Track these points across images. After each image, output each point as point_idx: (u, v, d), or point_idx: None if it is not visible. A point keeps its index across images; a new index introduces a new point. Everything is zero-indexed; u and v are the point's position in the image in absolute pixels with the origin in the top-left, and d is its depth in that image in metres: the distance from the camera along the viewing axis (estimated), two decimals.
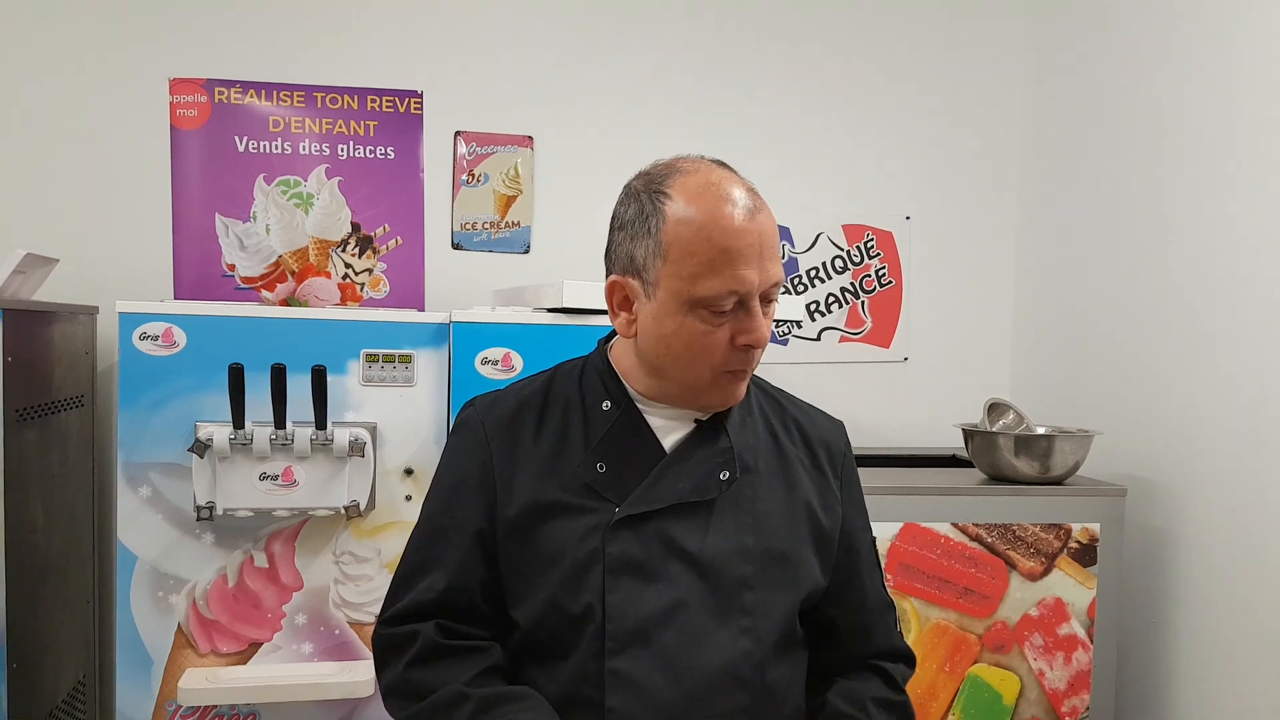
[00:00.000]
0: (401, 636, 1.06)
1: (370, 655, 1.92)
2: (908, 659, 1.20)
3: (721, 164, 1.05)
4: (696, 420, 1.08)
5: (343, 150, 2.51)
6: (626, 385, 1.09)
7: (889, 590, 1.23)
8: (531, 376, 1.17)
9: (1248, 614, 1.96)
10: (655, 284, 1.00)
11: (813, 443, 1.14)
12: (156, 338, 1.83)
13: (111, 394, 2.34)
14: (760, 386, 1.17)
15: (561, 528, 1.04)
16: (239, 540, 1.88)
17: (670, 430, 1.08)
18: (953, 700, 2.06)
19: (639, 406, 1.08)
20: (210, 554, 1.87)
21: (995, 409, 2.26)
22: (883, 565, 1.23)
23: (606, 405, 1.08)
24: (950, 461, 2.52)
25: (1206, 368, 2.07)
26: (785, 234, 2.70)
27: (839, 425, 1.19)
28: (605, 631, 1.00)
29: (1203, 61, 2.09)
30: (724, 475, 1.05)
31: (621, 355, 1.10)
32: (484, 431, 1.10)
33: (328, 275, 2.52)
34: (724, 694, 1.00)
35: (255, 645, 1.90)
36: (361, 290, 2.54)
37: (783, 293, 2.68)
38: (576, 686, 1.01)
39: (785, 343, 2.75)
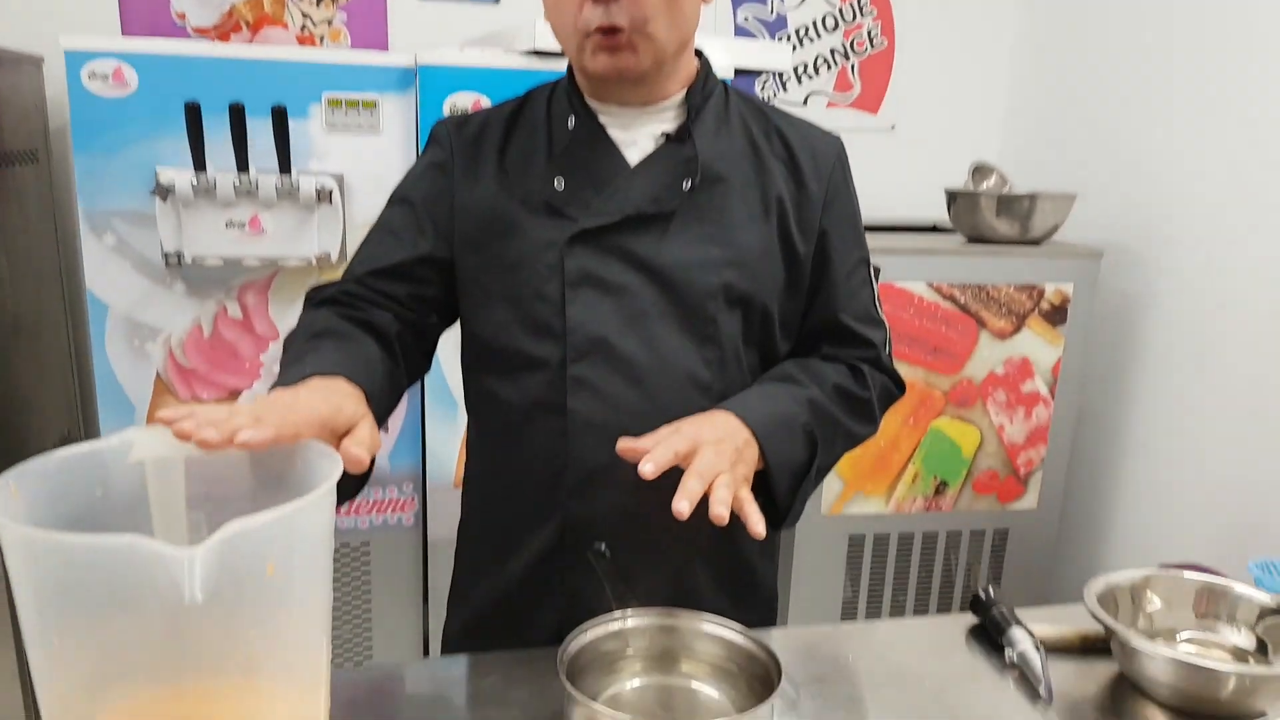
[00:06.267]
0: (316, 287, 1.08)
1: None
2: (893, 376, 1.15)
3: None
4: (664, 134, 1.05)
5: None
6: (589, 100, 1.05)
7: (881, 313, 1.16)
8: (506, 101, 1.14)
9: (1208, 380, 2.01)
10: None
11: (796, 153, 1.09)
12: (106, 77, 1.74)
13: (66, 148, 2.25)
14: (745, 98, 1.12)
15: (521, 242, 1.03)
16: (210, 290, 1.86)
17: (635, 144, 1.05)
18: (913, 452, 2.14)
19: (601, 120, 1.05)
20: (183, 304, 1.86)
21: (980, 171, 2.22)
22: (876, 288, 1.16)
23: (571, 121, 1.05)
24: (930, 230, 2.51)
25: (1192, 136, 2.03)
26: None
27: (832, 138, 1.13)
28: (567, 341, 1.01)
29: None
30: (686, 185, 1.02)
31: None
32: (450, 144, 1.09)
33: (284, 26, 2.38)
34: (685, 399, 1.02)
35: (235, 393, 1.92)
36: (321, 43, 2.41)
37: (772, 37, 2.57)
38: (539, 393, 1.03)
39: None
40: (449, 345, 1.97)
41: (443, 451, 2.02)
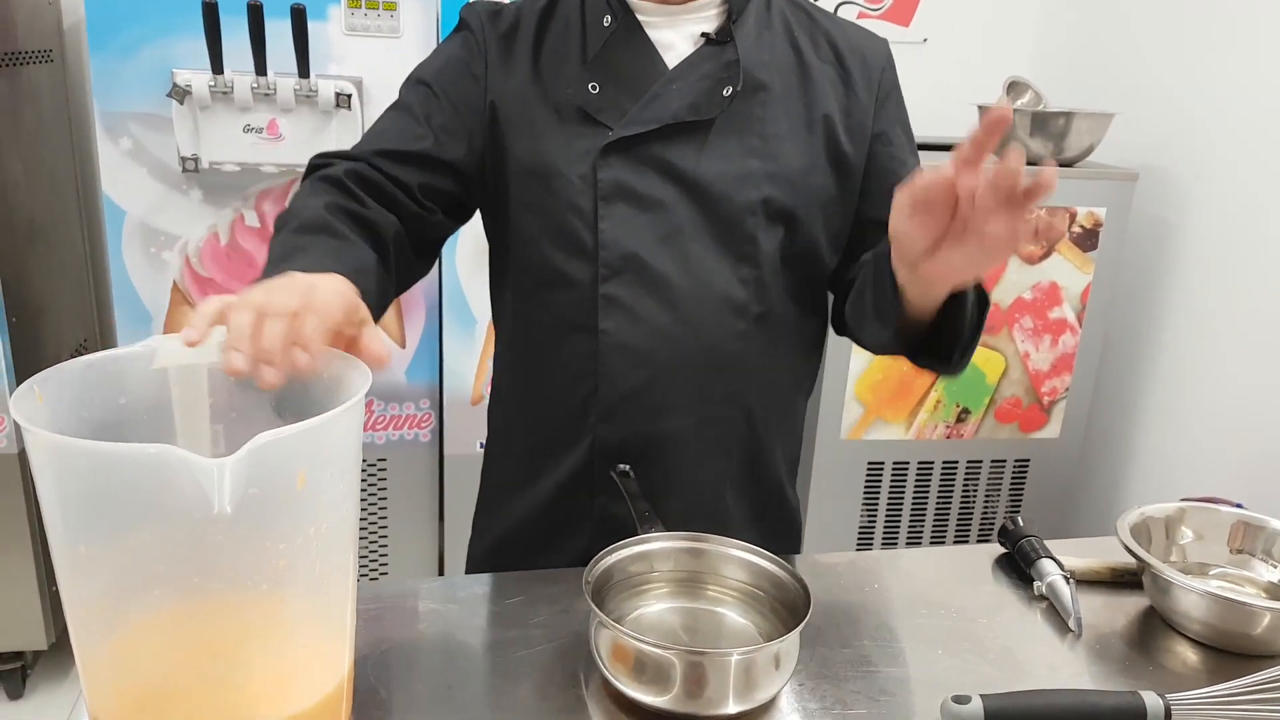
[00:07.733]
0: (322, 154, 0.99)
1: None
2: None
3: None
4: (704, 35, 0.99)
5: None
6: None
7: None
8: None
9: (1239, 311, 1.97)
10: None
11: (845, 57, 1.03)
12: None
13: (81, 48, 2.21)
14: None
15: (553, 150, 0.98)
16: (227, 198, 1.83)
17: (675, 46, 0.99)
18: (936, 378, 2.11)
19: (640, 18, 0.99)
20: (199, 210, 1.83)
21: (1015, 87, 2.15)
22: None
23: (606, 20, 0.98)
24: None
25: (1234, 56, 1.94)
26: None
27: (880, 40, 1.08)
28: (599, 259, 0.97)
29: None
30: (727, 92, 0.97)
31: None
32: (483, 34, 1.01)
33: None
34: (720, 321, 0.99)
35: None
36: None
37: None
38: (571, 312, 1.00)
39: None
40: (466, 261, 1.94)
41: (460, 367, 2.01)
